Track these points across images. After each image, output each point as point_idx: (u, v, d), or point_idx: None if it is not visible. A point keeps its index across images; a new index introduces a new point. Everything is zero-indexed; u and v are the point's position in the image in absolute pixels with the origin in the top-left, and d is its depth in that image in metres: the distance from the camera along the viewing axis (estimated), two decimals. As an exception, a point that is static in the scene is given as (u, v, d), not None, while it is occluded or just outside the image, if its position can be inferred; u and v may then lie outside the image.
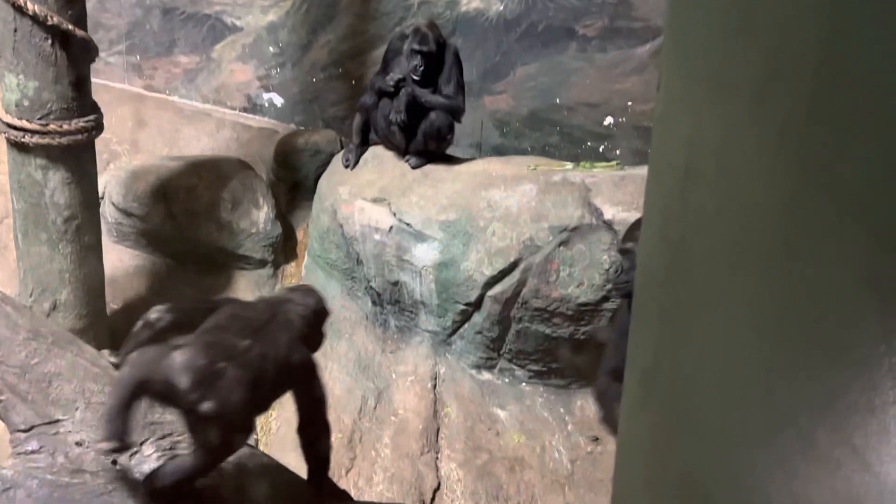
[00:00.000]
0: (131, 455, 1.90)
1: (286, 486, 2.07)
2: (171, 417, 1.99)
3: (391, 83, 3.45)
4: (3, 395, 1.90)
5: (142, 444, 1.92)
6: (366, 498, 2.89)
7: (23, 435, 1.88)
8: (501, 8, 3.93)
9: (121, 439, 1.66)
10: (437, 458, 3.14)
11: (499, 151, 4.02)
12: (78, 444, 1.89)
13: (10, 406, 1.89)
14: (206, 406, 1.69)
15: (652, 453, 0.70)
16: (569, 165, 3.64)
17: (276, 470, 2.12)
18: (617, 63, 3.81)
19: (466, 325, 3.40)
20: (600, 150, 3.88)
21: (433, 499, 2.99)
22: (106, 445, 1.66)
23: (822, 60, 0.51)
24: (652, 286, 0.68)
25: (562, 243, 3.24)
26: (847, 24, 0.50)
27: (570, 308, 3.25)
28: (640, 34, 3.73)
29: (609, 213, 3.24)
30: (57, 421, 1.89)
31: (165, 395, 1.74)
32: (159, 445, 1.94)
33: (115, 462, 1.89)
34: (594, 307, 3.24)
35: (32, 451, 1.86)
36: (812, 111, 0.51)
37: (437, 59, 3.46)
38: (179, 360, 1.72)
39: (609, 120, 3.86)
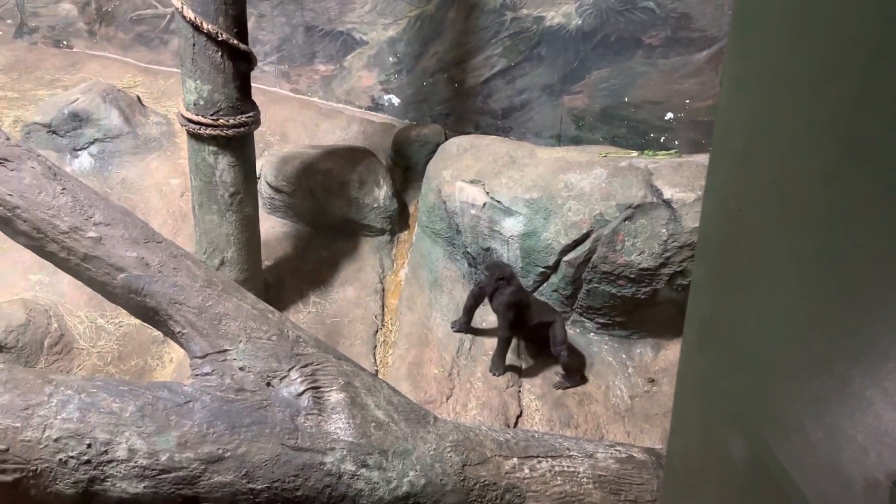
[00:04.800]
0: (281, 378, 1.96)
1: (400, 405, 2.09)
2: (311, 350, 2.04)
3: None
4: (185, 330, 1.97)
5: (289, 370, 1.97)
6: (461, 420, 2.92)
7: (199, 361, 1.94)
8: (580, 22, 3.83)
9: None
10: (519, 391, 3.14)
11: (575, 142, 3.96)
12: (241, 368, 1.95)
13: (190, 338, 1.96)
14: None
15: (706, 390, 0.68)
16: (634, 153, 3.55)
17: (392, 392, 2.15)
18: (677, 67, 3.68)
19: (545, 284, 3.38)
20: (661, 140, 3.77)
21: (516, 423, 3.00)
22: None
23: (871, 56, 0.48)
24: (711, 250, 0.66)
25: (627, 218, 3.17)
26: (893, 24, 0.47)
27: (633, 272, 3.18)
28: (697, 43, 3.59)
29: (668, 193, 3.15)
30: (225, 350, 1.95)
31: None
32: (302, 372, 1.98)
33: (269, 384, 1.95)
34: (653, 272, 3.16)
35: (206, 374, 1.92)
36: (860, 100, 0.49)
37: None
38: None
39: (669, 115, 3.73)
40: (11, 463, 1.64)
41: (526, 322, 3.20)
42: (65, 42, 5.20)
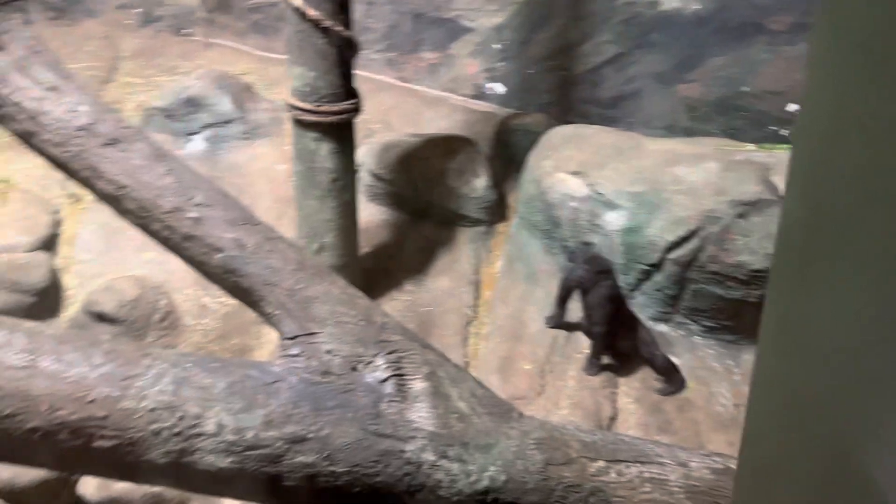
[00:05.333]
0: (366, 364, 2.00)
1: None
2: (397, 337, 2.07)
3: None
4: (276, 311, 2.04)
5: (374, 356, 2.00)
6: (552, 418, 2.88)
7: (288, 342, 2.00)
8: (698, 6, 3.68)
9: None
10: (614, 392, 3.07)
11: (688, 133, 3.81)
12: (328, 352, 1.99)
13: (280, 319, 2.02)
14: None
15: (782, 395, 0.64)
16: (751, 147, 3.38)
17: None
18: (804, 55, 3.47)
19: (647, 283, 3.27)
20: (781, 133, 3.57)
21: (609, 426, 2.93)
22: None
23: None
24: (790, 244, 0.61)
25: (740, 215, 3.03)
26: None
27: (744, 273, 3.04)
28: (827, 28, 3.37)
29: (785, 190, 2.98)
30: (313, 333, 2.00)
31: None
32: (387, 359, 2.01)
33: (354, 368, 1.99)
34: (766, 274, 3.00)
35: (294, 355, 1.98)
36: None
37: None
38: None
39: (792, 107, 3.53)
40: (110, 430, 1.75)
41: (621, 319, 3.13)
42: (185, 30, 5.49)
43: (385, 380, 1.97)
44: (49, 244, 3.61)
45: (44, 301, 3.48)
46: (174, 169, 2.07)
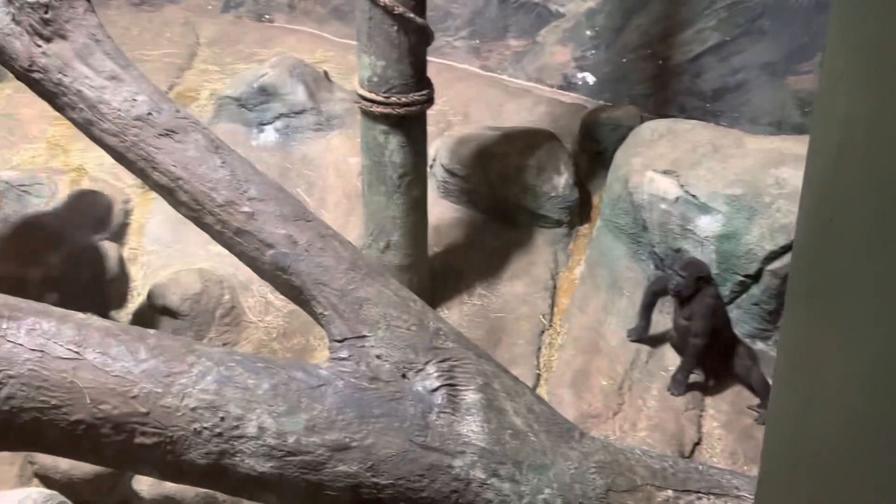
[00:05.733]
0: (417, 371, 2.02)
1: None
2: (451, 344, 2.08)
3: None
4: (326, 311, 2.09)
5: (426, 364, 2.03)
6: (628, 441, 2.83)
7: (338, 345, 2.05)
8: (813, -11, 3.53)
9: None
10: (700, 415, 2.98)
11: (799, 130, 3.66)
12: (378, 356, 2.03)
13: (330, 320, 2.07)
14: None
15: (795, 427, 0.61)
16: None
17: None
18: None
19: (744, 296, 3.17)
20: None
21: (692, 452, 2.85)
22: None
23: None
24: (803, 266, 0.58)
25: (851, 224, 2.89)
26: None
27: (854, 289, 2.89)
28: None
29: (905, 197, 2.82)
30: (363, 336, 2.04)
31: None
32: (439, 367, 2.03)
33: (404, 375, 2.02)
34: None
35: (342, 358, 2.03)
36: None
37: None
38: None
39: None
40: (151, 427, 1.84)
41: (720, 333, 3.05)
42: (266, 16, 5.67)
43: (436, 389, 1.99)
44: (118, 234, 3.81)
45: (111, 292, 3.67)
46: (228, 161, 2.15)
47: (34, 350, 1.82)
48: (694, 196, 3.21)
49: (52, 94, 2.24)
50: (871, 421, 0.52)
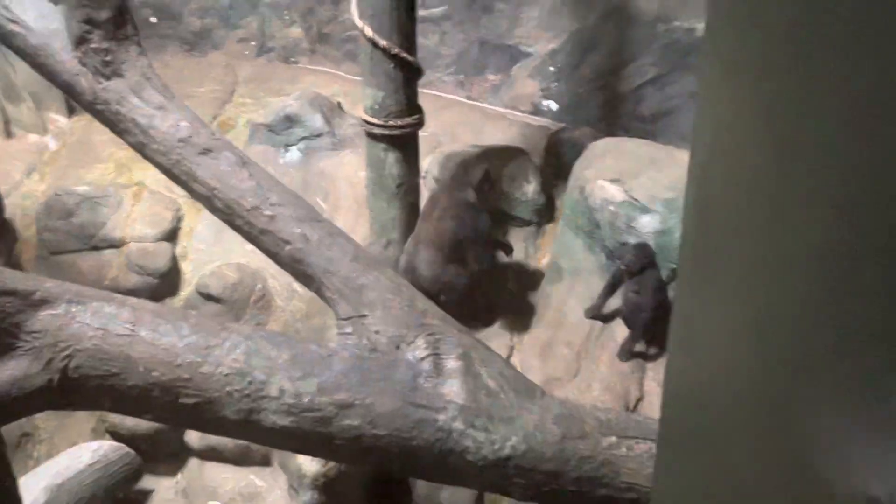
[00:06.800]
0: (408, 343, 2.01)
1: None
2: (436, 322, 2.08)
3: None
4: (334, 295, 2.09)
5: (416, 337, 2.02)
6: (584, 399, 2.83)
7: (343, 322, 2.05)
8: (732, 31, 3.52)
9: None
10: (642, 377, 2.98)
11: (722, 146, 3.65)
12: (376, 332, 2.03)
13: (337, 302, 2.07)
14: None
15: (687, 381, 0.61)
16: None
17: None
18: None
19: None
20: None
21: (636, 407, 2.85)
22: None
23: (794, 52, 0.39)
24: (688, 248, 0.58)
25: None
26: (815, 24, 0.38)
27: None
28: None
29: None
30: (364, 316, 2.04)
31: None
32: (427, 340, 2.02)
33: (397, 347, 2.01)
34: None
35: (348, 333, 2.03)
36: (791, 98, 0.40)
37: None
38: None
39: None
40: (193, 389, 1.83)
41: (662, 307, 3.04)
42: (292, 59, 5.65)
43: (424, 358, 1.98)
44: (172, 236, 3.80)
45: (166, 283, 3.67)
46: (254, 173, 2.14)
47: (98, 328, 1.81)
48: (636, 199, 3.20)
49: (112, 122, 2.24)
50: (748, 367, 0.52)
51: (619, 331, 3.17)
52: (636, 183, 3.23)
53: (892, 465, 0.45)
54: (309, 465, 2.76)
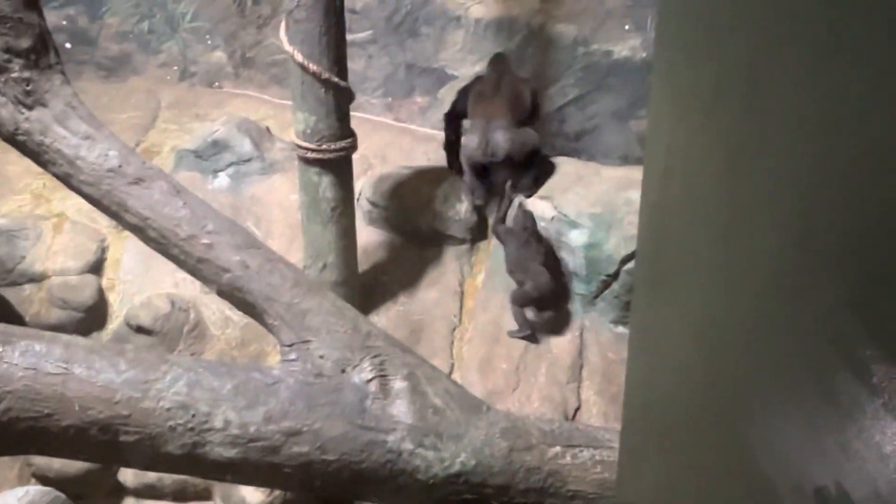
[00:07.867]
0: (354, 366, 2.00)
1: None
2: (380, 343, 2.07)
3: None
4: (276, 322, 2.05)
5: (361, 360, 2.01)
6: (525, 411, 2.88)
7: (287, 349, 2.02)
8: (644, 55, 3.71)
9: None
10: (579, 386, 3.06)
11: (640, 162, 3.80)
12: (321, 356, 2.01)
13: (279, 329, 2.04)
14: None
15: (644, 383, 0.65)
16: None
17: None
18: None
19: (607, 291, 3.27)
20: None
21: (574, 416, 2.92)
22: None
23: (747, 84, 0.44)
24: (644, 261, 0.62)
25: (682, 232, 3.03)
26: (765, 55, 0.43)
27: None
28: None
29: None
30: (308, 341, 2.02)
31: None
32: (372, 362, 2.02)
33: (343, 370, 2.00)
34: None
35: (292, 360, 2.00)
36: (742, 123, 0.44)
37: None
38: None
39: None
40: (133, 426, 1.76)
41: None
42: (216, 83, 5.54)
43: (370, 380, 1.98)
44: (96, 268, 3.63)
45: (92, 316, 3.50)
46: (188, 202, 2.09)
47: (28, 368, 1.72)
48: (565, 215, 3.30)
49: (35, 153, 2.14)
50: (700, 370, 0.56)
51: (555, 343, 3.24)
52: (565, 199, 3.34)
53: (835, 456, 0.49)
54: (252, 495, 2.68)
